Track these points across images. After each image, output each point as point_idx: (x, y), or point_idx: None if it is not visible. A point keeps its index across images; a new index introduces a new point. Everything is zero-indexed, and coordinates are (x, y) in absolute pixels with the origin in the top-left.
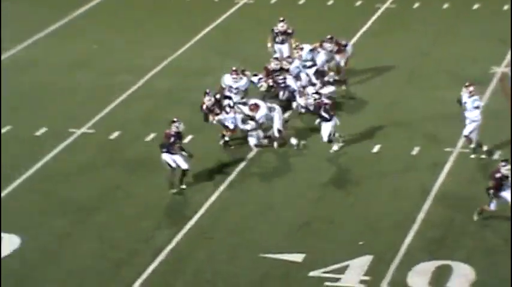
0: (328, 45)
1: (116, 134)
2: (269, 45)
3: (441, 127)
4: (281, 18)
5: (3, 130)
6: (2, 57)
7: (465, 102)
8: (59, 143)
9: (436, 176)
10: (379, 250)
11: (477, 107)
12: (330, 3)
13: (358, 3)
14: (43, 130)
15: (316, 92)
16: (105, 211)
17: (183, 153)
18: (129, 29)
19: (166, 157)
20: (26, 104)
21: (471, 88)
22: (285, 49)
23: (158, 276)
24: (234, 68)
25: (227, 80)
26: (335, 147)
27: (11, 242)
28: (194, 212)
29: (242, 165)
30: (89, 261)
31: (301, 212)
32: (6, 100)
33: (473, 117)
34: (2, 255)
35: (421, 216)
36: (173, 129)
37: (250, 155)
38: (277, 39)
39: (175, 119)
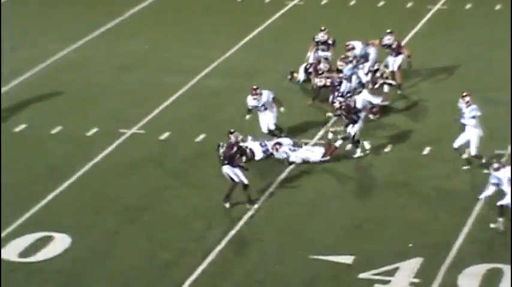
0: (387, 38)
1: (166, 134)
2: (308, 54)
3: (491, 129)
4: (322, 28)
5: (54, 131)
6: (54, 58)
7: (463, 112)
8: (110, 143)
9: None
10: (430, 252)
11: (474, 117)
12: (380, 4)
13: (409, 4)
14: (94, 130)
15: (341, 95)
16: (154, 210)
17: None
18: (179, 30)
19: (227, 169)
20: (77, 105)
21: (467, 98)
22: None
23: (208, 277)
24: (254, 87)
25: (250, 101)
26: (358, 152)
27: (63, 242)
28: (244, 213)
29: (291, 165)
30: (137, 261)
31: (351, 213)
32: (57, 101)
33: (471, 126)
34: (54, 254)
35: (472, 218)
36: (232, 139)
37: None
38: (319, 49)
39: (232, 130)
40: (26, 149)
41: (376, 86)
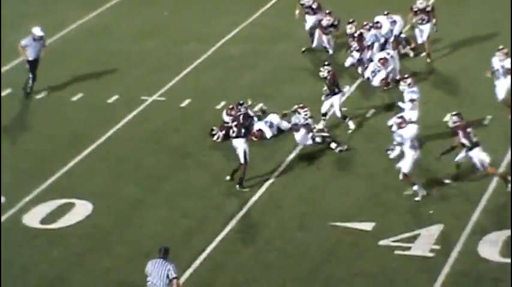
0: (420, 1)
1: (186, 101)
2: (296, 13)
3: None
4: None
5: (74, 98)
6: (73, 26)
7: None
8: (131, 111)
9: (507, 146)
10: (450, 219)
11: (411, 100)
12: None
13: None
14: (115, 97)
15: (328, 64)
16: (175, 178)
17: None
18: None
19: (243, 143)
20: (98, 72)
21: (409, 80)
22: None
23: (229, 243)
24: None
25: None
26: (351, 125)
27: (85, 208)
28: (265, 180)
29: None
30: (158, 227)
31: (371, 181)
32: (78, 68)
33: (407, 109)
34: (75, 221)
35: (492, 185)
36: (243, 110)
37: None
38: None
39: (241, 102)
40: (47, 116)
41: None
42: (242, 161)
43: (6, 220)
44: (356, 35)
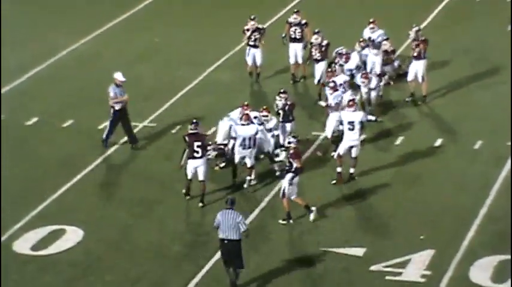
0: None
1: (177, 127)
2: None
3: (504, 121)
4: (295, 10)
5: (65, 124)
6: (64, 52)
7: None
8: (121, 137)
9: (499, 170)
10: (441, 244)
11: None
12: None
13: None
14: (105, 124)
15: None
16: (165, 203)
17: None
18: (190, 23)
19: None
20: (87, 98)
21: (331, 84)
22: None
23: (220, 269)
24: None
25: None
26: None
27: (76, 235)
28: (255, 206)
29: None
30: (149, 253)
31: (362, 206)
32: (68, 94)
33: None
34: (66, 247)
35: (483, 210)
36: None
37: (309, 152)
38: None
39: (195, 121)
40: (38, 142)
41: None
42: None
43: None
44: (324, 44)
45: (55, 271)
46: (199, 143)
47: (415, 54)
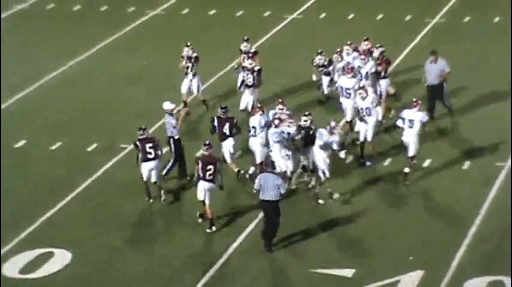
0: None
1: (165, 149)
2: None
3: (492, 141)
4: (245, 38)
5: (53, 147)
6: (53, 74)
7: None
8: (110, 159)
9: (487, 190)
10: (431, 265)
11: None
12: (379, 17)
13: (408, 17)
14: (94, 146)
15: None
16: (154, 226)
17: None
18: (179, 45)
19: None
20: (76, 120)
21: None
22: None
23: None
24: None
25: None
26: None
27: (64, 257)
28: (245, 227)
29: (293, 178)
30: (138, 277)
31: (351, 227)
32: (57, 116)
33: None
34: (55, 270)
35: (472, 231)
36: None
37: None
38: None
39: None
40: (26, 165)
41: None
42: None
43: None
44: (326, 63)
45: None
46: (150, 145)
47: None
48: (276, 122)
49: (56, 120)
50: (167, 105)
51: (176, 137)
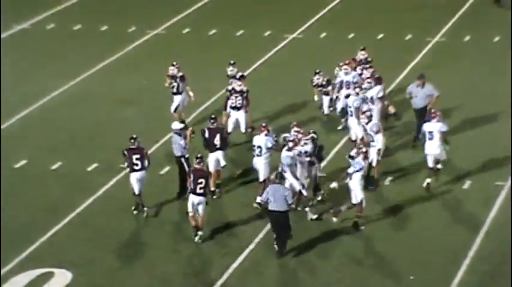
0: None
1: (166, 169)
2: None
3: (492, 161)
4: (231, 62)
5: (54, 166)
6: (53, 94)
7: None
8: (110, 179)
9: (488, 210)
10: (431, 284)
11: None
12: (379, 37)
13: (408, 37)
14: (94, 166)
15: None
16: (155, 245)
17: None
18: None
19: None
20: (76, 140)
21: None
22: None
23: None
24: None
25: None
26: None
27: (64, 277)
28: (245, 246)
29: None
30: None
31: (353, 247)
32: (57, 136)
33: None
34: None
35: (473, 250)
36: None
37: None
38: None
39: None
40: (27, 185)
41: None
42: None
43: None
44: (324, 82)
45: None
46: (137, 156)
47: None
48: (290, 144)
49: (56, 140)
50: (175, 125)
51: (187, 156)
